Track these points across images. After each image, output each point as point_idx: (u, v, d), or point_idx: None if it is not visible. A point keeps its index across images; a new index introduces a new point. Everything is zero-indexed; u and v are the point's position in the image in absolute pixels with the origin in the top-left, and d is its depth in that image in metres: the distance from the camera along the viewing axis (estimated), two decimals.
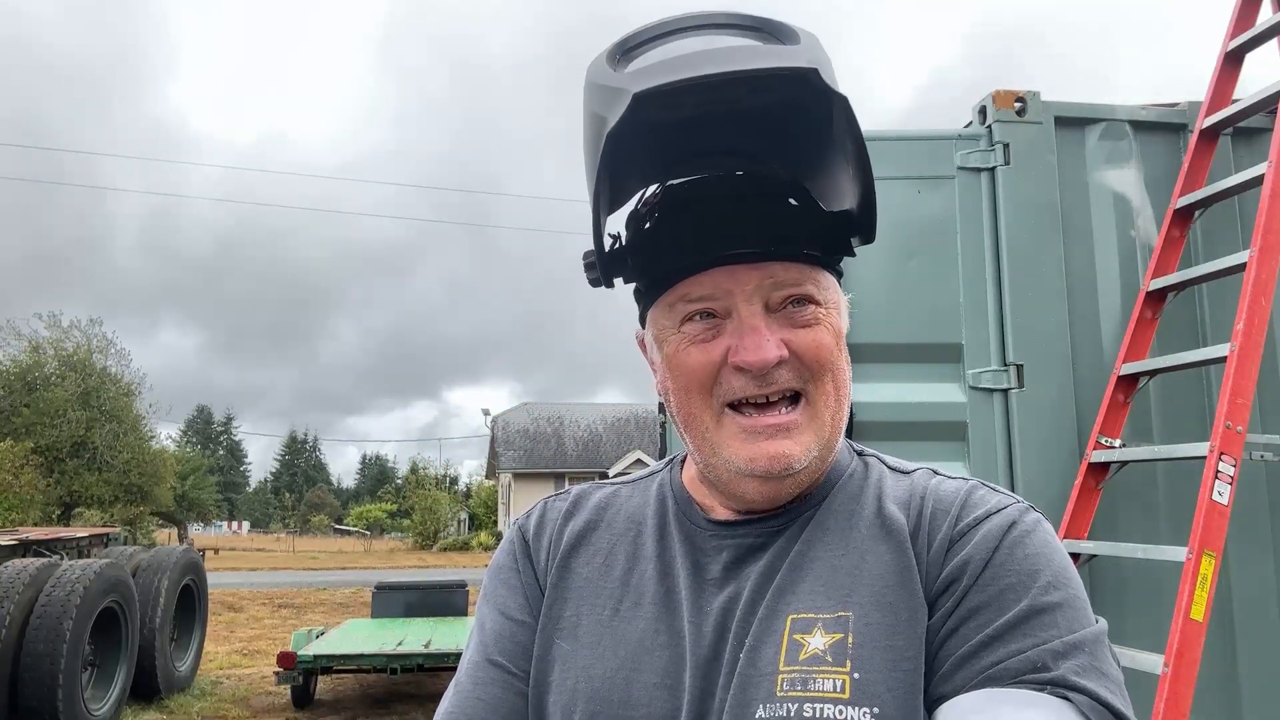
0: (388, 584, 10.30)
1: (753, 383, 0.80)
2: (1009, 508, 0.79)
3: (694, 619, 0.82)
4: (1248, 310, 2.59)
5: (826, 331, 0.82)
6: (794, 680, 0.75)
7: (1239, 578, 2.84)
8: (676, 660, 0.81)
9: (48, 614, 6.76)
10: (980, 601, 0.73)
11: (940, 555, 0.78)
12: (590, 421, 37.06)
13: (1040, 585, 0.73)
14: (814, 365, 0.81)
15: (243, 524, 73.02)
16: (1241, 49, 3.16)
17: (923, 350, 2.98)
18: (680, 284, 0.83)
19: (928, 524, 0.80)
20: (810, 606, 0.79)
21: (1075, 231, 3.06)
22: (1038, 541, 0.76)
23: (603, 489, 1.00)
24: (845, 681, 0.73)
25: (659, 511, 0.93)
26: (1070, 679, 0.68)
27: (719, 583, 0.84)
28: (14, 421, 23.97)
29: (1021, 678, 0.68)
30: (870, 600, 0.77)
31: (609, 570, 0.90)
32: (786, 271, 0.81)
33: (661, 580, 0.87)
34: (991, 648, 0.71)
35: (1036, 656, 0.69)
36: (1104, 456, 2.82)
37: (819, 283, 0.82)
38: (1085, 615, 0.73)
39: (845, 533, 0.83)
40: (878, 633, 0.75)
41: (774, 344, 0.79)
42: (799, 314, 0.81)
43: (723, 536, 0.86)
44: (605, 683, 0.82)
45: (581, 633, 0.87)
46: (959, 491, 0.82)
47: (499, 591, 0.93)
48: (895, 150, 3.09)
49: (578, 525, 0.95)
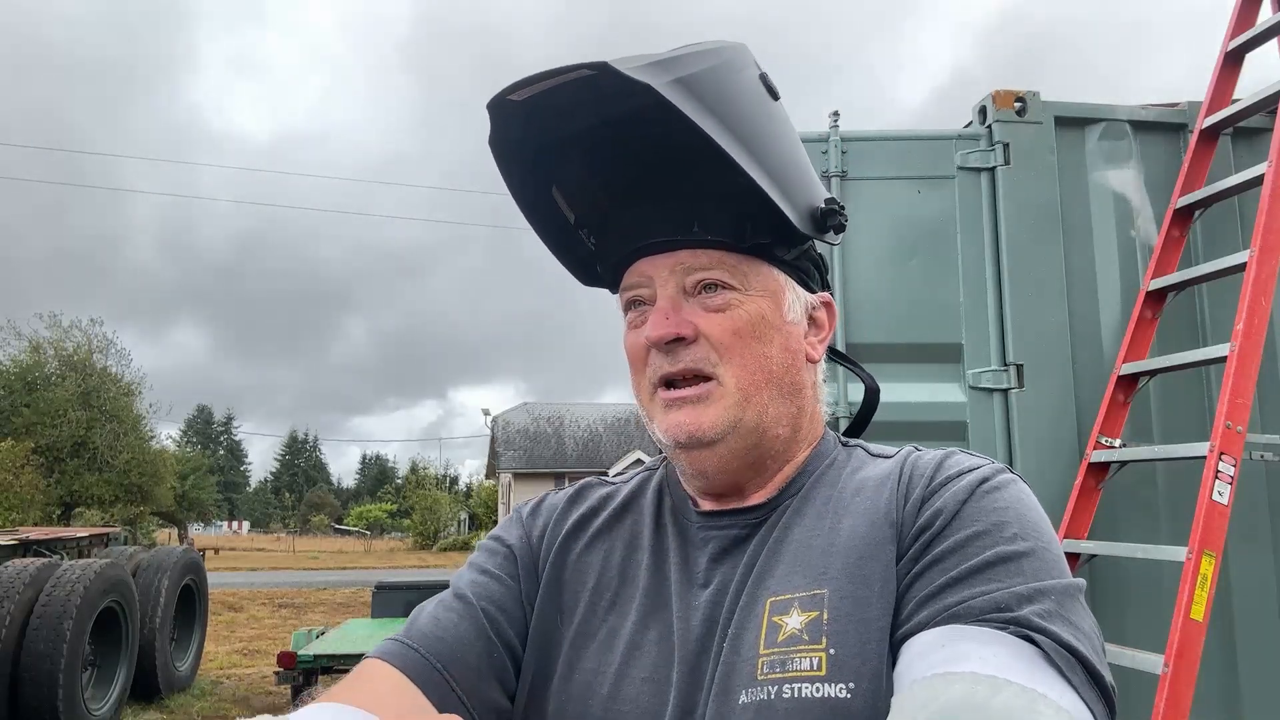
0: (388, 584, 10.28)
1: (665, 360, 0.86)
2: (983, 467, 0.81)
3: (681, 614, 0.84)
4: (1248, 310, 2.59)
5: (739, 317, 0.85)
6: (773, 662, 0.76)
7: (1239, 578, 2.84)
8: (665, 656, 0.83)
9: (48, 614, 6.76)
10: (947, 548, 0.74)
11: (915, 510, 0.79)
12: (590, 421, 37.05)
13: (1008, 535, 0.73)
14: (720, 347, 0.85)
15: (243, 524, 73.06)
16: (1241, 49, 3.16)
17: (923, 350, 2.98)
18: (623, 278, 0.91)
19: (905, 488, 0.82)
20: (788, 587, 0.80)
21: (1075, 231, 3.06)
22: (1009, 496, 0.77)
23: (605, 484, 1.03)
24: (822, 659, 0.74)
25: (655, 503, 0.96)
26: (1034, 620, 0.67)
27: (705, 577, 0.86)
28: (14, 421, 23.96)
29: (984, 616, 0.68)
30: (844, 574, 0.78)
31: (608, 558, 0.93)
32: (695, 257, 0.86)
33: (654, 573, 0.89)
34: (955, 589, 0.71)
35: (1001, 598, 0.69)
36: (1104, 456, 2.82)
37: (735, 269, 0.86)
38: (1055, 567, 0.72)
39: (820, 515, 0.85)
40: (851, 606, 0.76)
41: (675, 321, 0.85)
42: (710, 298, 0.86)
43: (709, 528, 0.89)
44: (597, 676, 0.85)
45: (579, 623, 0.90)
46: (937, 456, 0.85)
47: (479, 557, 0.98)
48: (895, 150, 3.09)
49: (579, 513, 0.98)
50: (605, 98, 0.81)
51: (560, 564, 0.94)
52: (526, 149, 0.89)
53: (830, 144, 3.03)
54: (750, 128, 0.80)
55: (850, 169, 3.04)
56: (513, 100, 0.81)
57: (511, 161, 0.89)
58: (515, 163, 0.90)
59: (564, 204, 0.95)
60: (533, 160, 0.90)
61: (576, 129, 0.87)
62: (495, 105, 0.82)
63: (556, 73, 0.78)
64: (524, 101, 0.81)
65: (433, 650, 0.85)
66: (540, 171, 0.92)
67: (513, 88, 0.80)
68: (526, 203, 0.94)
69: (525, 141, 0.88)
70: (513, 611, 0.91)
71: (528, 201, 0.94)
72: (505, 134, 0.86)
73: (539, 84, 0.79)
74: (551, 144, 0.89)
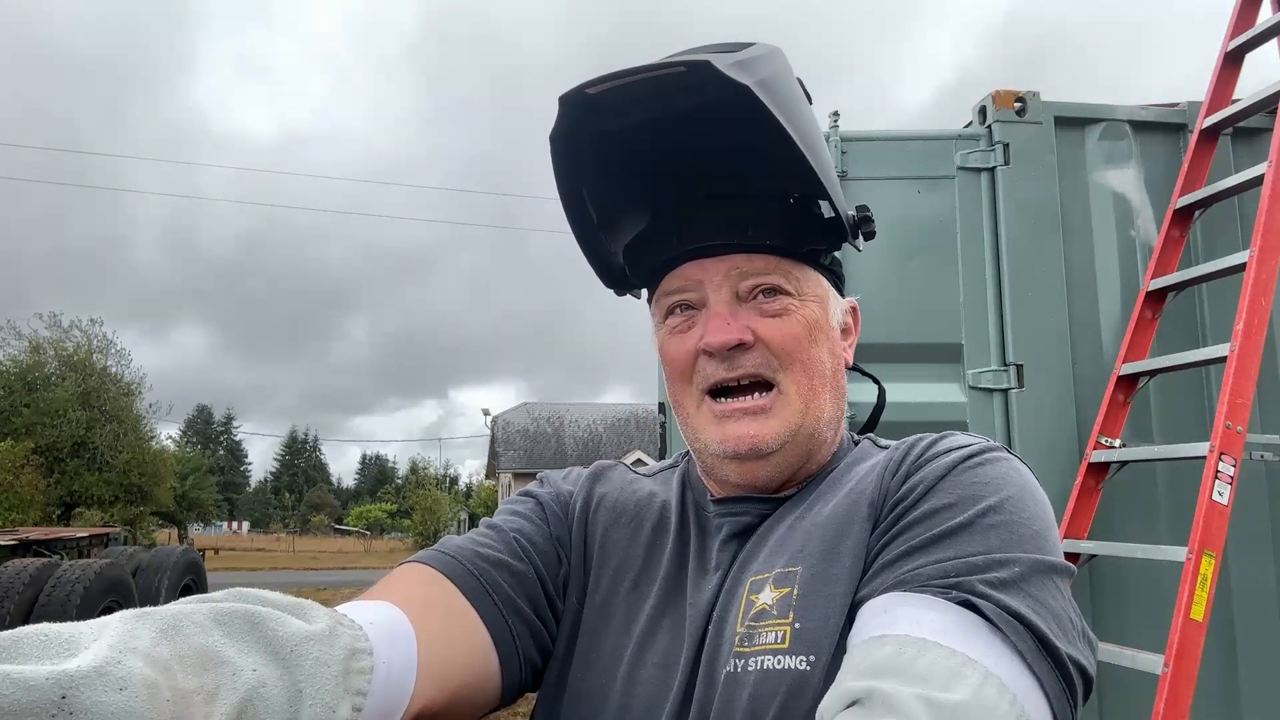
0: None
1: (721, 367, 0.84)
2: (974, 444, 0.79)
3: (694, 601, 0.85)
4: (1247, 310, 2.59)
5: (797, 322, 0.85)
6: (744, 636, 0.76)
7: (1239, 578, 2.84)
8: (676, 641, 0.83)
9: (48, 614, 6.76)
10: (915, 517, 0.73)
11: (898, 485, 0.79)
12: (590, 421, 37.05)
13: (980, 508, 0.71)
14: (781, 354, 0.84)
15: (243, 524, 73.05)
16: (1241, 49, 3.16)
17: (923, 350, 2.98)
18: (663, 281, 0.89)
19: (894, 464, 0.81)
20: (766, 567, 0.81)
21: (1075, 231, 3.06)
22: (993, 471, 0.75)
23: (627, 470, 1.04)
24: (786, 632, 0.74)
25: (680, 498, 0.96)
26: (978, 587, 0.65)
27: (715, 565, 0.86)
28: (14, 421, 23.95)
29: (929, 583, 0.67)
30: (819, 551, 0.78)
31: (634, 540, 0.93)
32: (750, 262, 0.85)
33: (674, 560, 0.90)
34: (912, 556, 0.70)
35: (952, 567, 0.67)
36: (1104, 456, 2.82)
37: (789, 274, 0.86)
38: (1030, 542, 0.69)
39: (813, 501, 0.85)
40: (820, 582, 0.76)
41: (736, 328, 0.83)
42: (768, 304, 0.85)
43: (722, 514, 0.89)
44: (614, 658, 0.85)
45: (600, 602, 0.90)
46: (932, 436, 0.84)
47: (506, 504, 0.98)
48: (895, 150, 3.09)
49: (604, 490, 0.99)
50: (665, 95, 0.79)
51: (590, 536, 0.94)
52: (579, 144, 0.85)
53: (830, 144, 3.03)
54: (806, 130, 0.80)
55: (850, 169, 3.04)
56: (589, 94, 0.78)
57: (565, 157, 0.85)
58: (568, 158, 0.86)
59: (590, 203, 0.92)
60: (581, 155, 0.87)
61: (624, 126, 0.83)
62: (569, 98, 0.79)
63: (650, 68, 0.75)
64: (593, 96, 0.78)
65: (468, 559, 0.85)
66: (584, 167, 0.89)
67: (595, 81, 0.77)
68: (567, 199, 0.90)
69: (578, 136, 0.84)
70: (543, 546, 0.91)
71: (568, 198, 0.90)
72: (566, 127, 0.82)
73: (627, 78, 0.76)
74: (595, 138, 0.84)
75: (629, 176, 0.90)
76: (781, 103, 0.76)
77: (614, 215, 0.93)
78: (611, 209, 0.93)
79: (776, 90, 0.76)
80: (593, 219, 0.93)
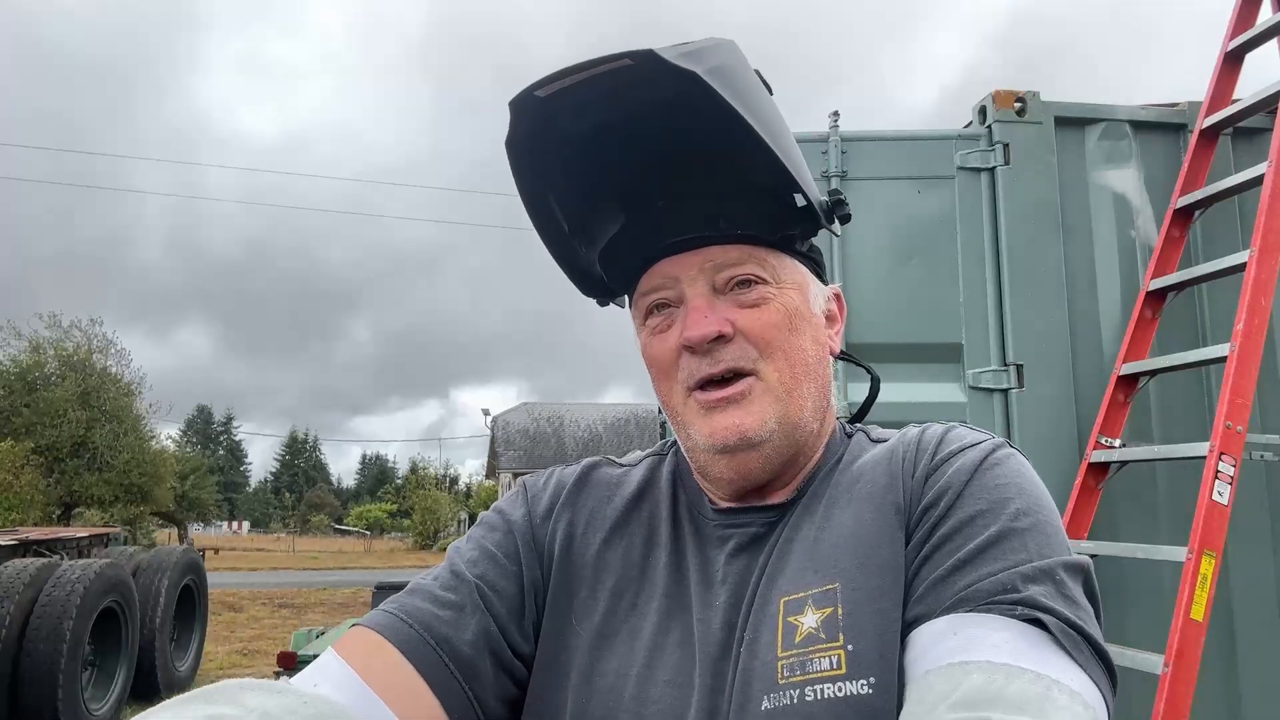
0: (388, 584, 10.26)
1: (704, 362, 0.83)
2: (985, 442, 0.81)
3: (702, 616, 0.82)
4: (1247, 310, 2.59)
5: (776, 310, 0.84)
6: (793, 665, 0.74)
7: (1239, 578, 2.84)
8: (688, 658, 0.81)
9: (48, 614, 6.76)
10: (952, 527, 0.74)
11: (919, 487, 0.79)
12: (590, 421, 37.08)
13: (1010, 512, 0.73)
14: (760, 343, 0.83)
15: (243, 524, 73.01)
16: (1241, 49, 3.16)
17: (923, 350, 2.98)
18: (639, 283, 0.88)
19: (909, 464, 0.82)
20: (799, 585, 0.79)
21: (1075, 231, 3.06)
22: (1009, 470, 0.78)
23: (614, 465, 1.01)
24: (840, 656, 0.73)
25: (671, 496, 0.94)
26: (1040, 601, 0.67)
27: (723, 577, 0.84)
28: (14, 421, 23.93)
29: (992, 599, 0.69)
30: (855, 565, 0.77)
31: (627, 554, 0.90)
32: (725, 253, 0.84)
33: (673, 573, 0.87)
34: (963, 571, 0.71)
35: (1006, 579, 0.69)
36: (1104, 456, 2.82)
37: (765, 262, 0.85)
38: (1056, 539, 0.73)
39: (827, 507, 0.84)
40: (865, 597, 0.75)
41: (714, 320, 0.82)
42: (745, 294, 0.84)
43: (726, 525, 0.87)
44: (620, 679, 0.82)
45: (600, 623, 0.86)
46: (938, 431, 0.85)
47: (479, 531, 0.94)
48: (895, 150, 3.09)
49: (592, 501, 0.95)
50: (619, 94, 0.78)
51: (575, 557, 0.91)
52: (540, 149, 0.83)
53: (830, 144, 3.03)
54: (767, 117, 0.79)
55: (850, 169, 3.04)
56: (538, 96, 0.76)
57: (523, 163, 0.84)
58: (526, 165, 0.84)
59: (559, 211, 0.90)
60: (542, 162, 0.85)
61: (583, 129, 0.82)
62: (518, 102, 0.77)
63: (595, 64, 0.74)
64: (546, 99, 0.77)
65: (428, 626, 0.81)
66: (548, 174, 0.87)
67: (542, 82, 0.76)
68: (532, 207, 0.89)
69: (536, 141, 0.82)
70: (506, 590, 0.87)
71: (534, 206, 0.89)
72: (521, 132, 0.80)
73: (573, 76, 0.75)
74: (556, 144, 0.83)
75: (595, 181, 0.88)
76: (736, 91, 0.75)
77: (585, 222, 0.91)
78: (582, 215, 0.91)
79: (729, 78, 0.75)
80: (564, 228, 0.91)
